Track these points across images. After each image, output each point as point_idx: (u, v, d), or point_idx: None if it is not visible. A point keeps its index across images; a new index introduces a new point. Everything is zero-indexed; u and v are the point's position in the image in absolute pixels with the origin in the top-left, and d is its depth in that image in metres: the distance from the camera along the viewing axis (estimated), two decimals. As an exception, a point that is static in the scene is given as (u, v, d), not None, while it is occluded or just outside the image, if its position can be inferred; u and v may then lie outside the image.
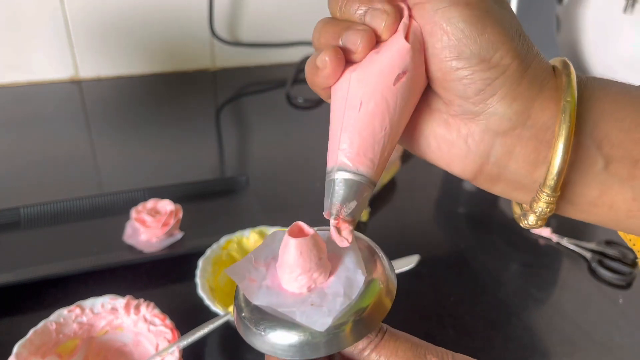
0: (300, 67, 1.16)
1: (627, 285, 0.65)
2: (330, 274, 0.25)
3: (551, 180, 0.24)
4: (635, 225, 0.26)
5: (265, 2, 1.11)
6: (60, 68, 1.03)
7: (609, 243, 0.69)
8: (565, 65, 0.25)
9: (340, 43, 0.25)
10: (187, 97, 1.05)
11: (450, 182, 0.85)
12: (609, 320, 0.60)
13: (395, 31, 0.24)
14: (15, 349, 0.44)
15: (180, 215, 0.65)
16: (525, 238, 0.72)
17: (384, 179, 0.79)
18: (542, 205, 0.25)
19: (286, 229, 0.25)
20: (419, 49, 0.24)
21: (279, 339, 0.23)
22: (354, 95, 0.24)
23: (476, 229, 0.75)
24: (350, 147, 0.24)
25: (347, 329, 0.23)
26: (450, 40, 0.23)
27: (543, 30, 1.01)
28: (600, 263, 0.66)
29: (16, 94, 1.00)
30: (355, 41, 0.24)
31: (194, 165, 0.84)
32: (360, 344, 0.24)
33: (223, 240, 0.59)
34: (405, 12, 0.25)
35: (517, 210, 0.28)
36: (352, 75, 0.25)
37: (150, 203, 0.65)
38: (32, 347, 0.46)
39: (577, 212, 0.26)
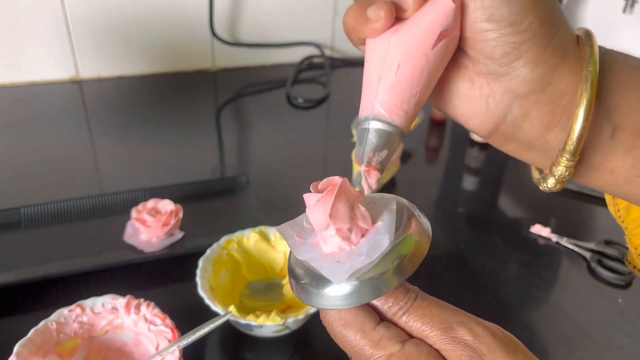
0: (300, 67, 1.16)
1: (627, 285, 0.65)
2: (364, 235, 0.26)
3: (571, 145, 0.25)
4: (630, 190, 0.27)
5: (265, 2, 1.11)
6: (61, 68, 1.04)
7: (608, 243, 0.69)
8: (588, 36, 0.26)
9: None
10: (187, 97, 1.05)
11: (450, 182, 0.85)
12: (608, 319, 0.60)
13: None
14: (16, 349, 0.45)
15: (181, 215, 0.65)
16: (524, 238, 0.72)
17: (384, 178, 0.80)
18: (561, 169, 0.26)
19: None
20: (459, 8, 0.25)
21: (333, 292, 0.24)
22: (392, 56, 0.25)
23: (476, 229, 0.75)
24: (388, 97, 0.25)
25: (390, 273, 0.24)
26: (484, 2, 0.24)
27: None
28: (600, 263, 0.66)
29: (16, 94, 1.00)
30: (407, 0, 0.25)
31: (194, 165, 0.84)
32: (394, 307, 0.25)
33: (223, 240, 0.59)
34: None
35: (536, 174, 0.29)
36: (392, 36, 0.25)
37: (151, 203, 0.65)
38: (33, 347, 0.46)
39: (581, 176, 0.28)
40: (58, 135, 0.89)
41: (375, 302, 0.25)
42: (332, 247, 0.26)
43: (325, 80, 1.12)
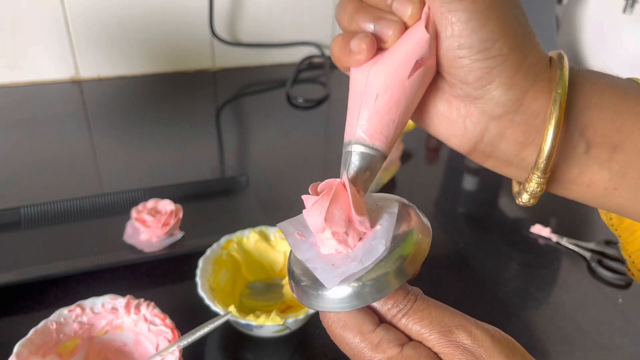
0: (300, 67, 1.16)
1: (627, 285, 0.65)
2: (362, 238, 0.26)
3: (541, 163, 0.27)
4: (609, 202, 0.29)
5: (265, 2, 1.11)
6: (61, 68, 1.04)
7: (608, 243, 0.69)
8: (560, 58, 0.27)
9: (372, 29, 0.27)
10: (187, 97, 1.05)
11: (450, 182, 0.85)
12: (608, 319, 0.60)
13: (418, 19, 0.26)
14: (15, 349, 0.45)
15: (181, 215, 0.65)
16: (524, 238, 0.72)
17: (384, 178, 0.80)
18: (533, 185, 0.28)
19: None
20: (434, 38, 0.26)
21: (333, 294, 0.25)
22: (372, 85, 0.26)
23: (476, 229, 0.75)
24: (368, 124, 0.26)
25: (390, 276, 0.25)
26: (454, 31, 0.25)
27: (543, 30, 1.01)
28: (600, 263, 0.66)
29: (16, 94, 1.00)
30: (387, 32, 0.26)
31: (194, 165, 0.84)
32: (394, 309, 0.25)
33: (223, 240, 0.59)
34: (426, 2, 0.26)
35: (515, 188, 0.30)
36: (372, 66, 0.27)
37: (151, 203, 0.65)
38: (33, 347, 0.46)
39: (559, 189, 0.29)
40: (58, 135, 0.89)
41: (375, 304, 0.26)
42: (329, 249, 0.26)
43: (325, 80, 1.12)
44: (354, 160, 0.27)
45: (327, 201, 0.25)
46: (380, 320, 0.26)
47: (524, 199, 0.29)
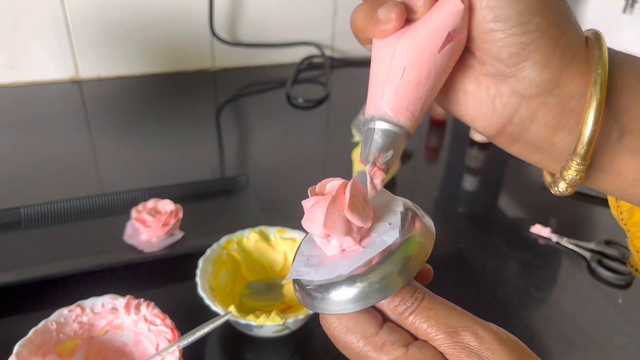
0: (300, 67, 1.16)
1: (627, 285, 0.65)
2: (364, 238, 0.26)
3: (581, 149, 0.25)
4: (636, 193, 0.27)
5: (265, 2, 1.11)
6: (61, 68, 1.04)
7: (608, 243, 0.69)
8: (597, 37, 0.26)
9: None
10: (187, 97, 1.05)
11: (450, 182, 0.85)
12: (609, 320, 0.60)
13: None
14: (15, 349, 0.45)
15: (181, 215, 0.65)
16: (524, 238, 0.72)
17: (384, 179, 0.80)
18: (572, 173, 0.26)
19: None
20: (468, 9, 0.24)
21: (337, 296, 0.24)
22: (399, 58, 0.25)
23: (476, 229, 0.75)
24: (394, 98, 0.25)
25: (395, 275, 0.24)
26: (490, 2, 0.23)
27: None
28: (600, 263, 0.66)
29: (16, 94, 1.00)
30: (418, 1, 0.25)
31: (194, 165, 0.84)
32: (400, 307, 0.25)
33: (223, 240, 0.59)
34: None
35: (548, 178, 0.29)
36: (399, 38, 0.25)
37: (151, 203, 0.65)
38: (33, 347, 0.46)
39: (587, 178, 0.27)
40: (58, 135, 0.89)
41: (381, 302, 0.25)
42: (333, 250, 0.26)
43: (325, 80, 1.12)
44: (377, 138, 0.25)
45: (324, 208, 0.24)
46: (385, 319, 0.25)
47: (561, 187, 0.27)
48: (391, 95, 0.25)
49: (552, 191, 0.28)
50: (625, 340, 0.58)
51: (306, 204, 0.25)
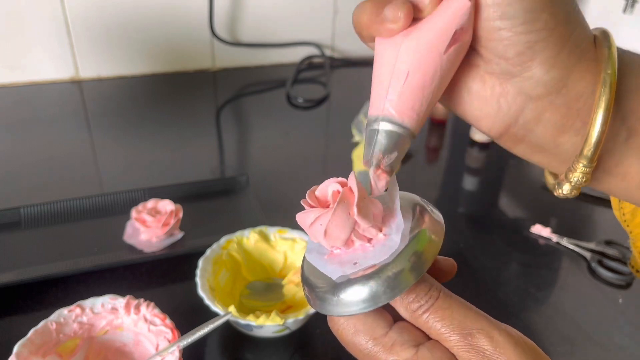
0: (300, 67, 1.16)
1: (627, 285, 0.65)
2: (374, 238, 0.25)
3: (588, 150, 0.24)
4: None
5: (265, 2, 1.11)
6: (61, 68, 1.04)
7: (608, 243, 0.69)
8: (605, 36, 0.25)
9: None
10: (187, 97, 1.05)
11: (450, 182, 0.85)
12: (609, 320, 0.60)
13: None
14: (15, 349, 0.44)
15: (181, 215, 0.65)
16: (525, 238, 0.72)
17: (384, 179, 0.79)
18: (577, 175, 0.25)
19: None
20: (474, 7, 0.24)
21: (349, 296, 0.24)
22: (404, 59, 0.24)
23: (476, 229, 0.75)
24: (399, 99, 0.24)
25: (405, 272, 0.24)
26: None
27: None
28: (600, 263, 0.66)
29: (16, 94, 1.00)
30: (424, 0, 0.24)
31: (194, 165, 0.84)
32: (414, 304, 0.24)
33: (223, 240, 0.59)
34: None
35: (550, 179, 0.28)
36: (404, 38, 0.24)
37: (151, 203, 0.65)
38: (33, 347, 0.46)
39: (593, 180, 0.27)
40: (58, 135, 0.89)
41: (395, 298, 0.24)
42: (343, 250, 0.25)
43: (325, 80, 1.12)
44: (381, 139, 0.24)
45: (325, 220, 0.24)
46: (396, 317, 0.25)
47: (565, 190, 0.26)
48: (395, 96, 0.24)
49: (555, 193, 0.27)
50: (625, 340, 0.58)
51: (305, 219, 0.25)
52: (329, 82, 1.11)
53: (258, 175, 0.79)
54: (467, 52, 0.25)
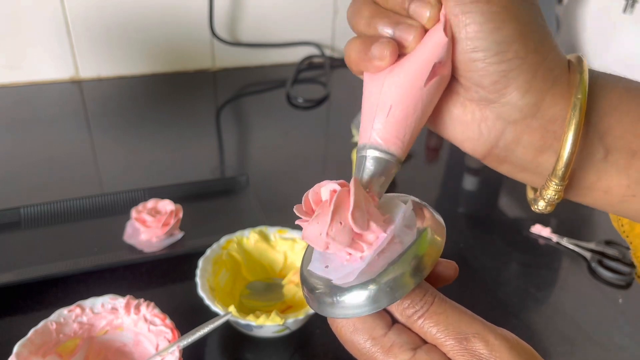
0: (300, 67, 1.16)
1: (627, 285, 0.65)
2: (372, 243, 0.25)
3: (559, 170, 0.26)
4: (626, 208, 0.28)
5: (265, 2, 1.11)
6: (61, 68, 1.04)
7: (608, 243, 0.69)
8: (579, 61, 0.26)
9: (391, 34, 0.26)
10: (187, 97, 1.05)
11: (450, 182, 0.85)
12: (609, 320, 0.60)
13: (436, 22, 0.25)
14: (15, 349, 0.45)
15: (181, 215, 0.65)
16: (525, 238, 0.72)
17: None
18: (550, 192, 0.27)
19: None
20: (451, 42, 0.25)
21: (348, 299, 0.24)
22: (387, 93, 0.26)
23: (476, 229, 0.75)
24: (384, 128, 0.26)
25: (406, 276, 0.24)
26: (469, 33, 0.24)
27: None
28: (600, 263, 0.66)
29: (16, 94, 1.00)
30: (407, 37, 0.25)
31: (194, 165, 0.84)
32: (409, 310, 0.25)
33: (223, 240, 0.59)
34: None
35: (530, 194, 0.30)
36: (388, 73, 0.26)
37: (151, 203, 0.65)
38: (33, 347, 0.46)
39: (575, 195, 0.28)
40: (58, 135, 0.89)
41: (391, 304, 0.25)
42: (340, 256, 0.26)
43: (325, 80, 1.12)
44: (369, 165, 0.26)
45: (326, 221, 0.24)
46: (394, 320, 0.25)
47: (540, 206, 0.28)
48: (381, 125, 0.26)
49: (532, 208, 0.29)
50: (625, 340, 0.58)
51: (305, 230, 0.25)
52: (329, 82, 1.11)
53: (258, 175, 0.79)
54: (449, 80, 0.27)
